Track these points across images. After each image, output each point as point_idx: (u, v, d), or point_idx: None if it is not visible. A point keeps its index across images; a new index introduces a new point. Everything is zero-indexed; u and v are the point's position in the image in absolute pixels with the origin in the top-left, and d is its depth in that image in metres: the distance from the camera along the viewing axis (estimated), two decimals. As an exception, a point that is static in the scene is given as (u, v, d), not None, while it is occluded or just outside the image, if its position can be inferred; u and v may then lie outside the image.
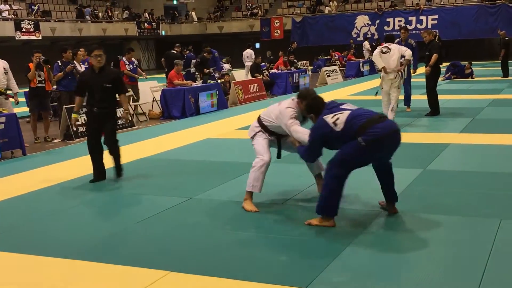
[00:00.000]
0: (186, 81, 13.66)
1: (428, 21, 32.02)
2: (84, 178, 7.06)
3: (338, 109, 4.85)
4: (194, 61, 16.27)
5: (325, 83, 21.17)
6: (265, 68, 18.96)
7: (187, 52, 18.72)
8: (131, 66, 13.44)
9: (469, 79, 19.44)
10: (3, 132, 8.69)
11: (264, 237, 4.72)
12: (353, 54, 26.97)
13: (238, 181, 6.61)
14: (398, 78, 10.20)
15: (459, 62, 20.56)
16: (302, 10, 38.13)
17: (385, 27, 32.61)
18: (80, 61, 11.53)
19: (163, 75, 18.39)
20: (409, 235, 4.63)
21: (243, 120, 11.90)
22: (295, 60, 21.16)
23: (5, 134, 8.73)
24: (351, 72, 24.14)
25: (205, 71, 15.53)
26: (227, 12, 41.90)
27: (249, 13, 39.85)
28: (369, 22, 33.91)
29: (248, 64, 20.12)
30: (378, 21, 33.46)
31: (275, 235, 4.73)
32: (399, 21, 32.73)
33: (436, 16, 31.99)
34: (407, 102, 12.07)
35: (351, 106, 4.92)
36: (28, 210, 5.89)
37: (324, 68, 22.61)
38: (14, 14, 29.01)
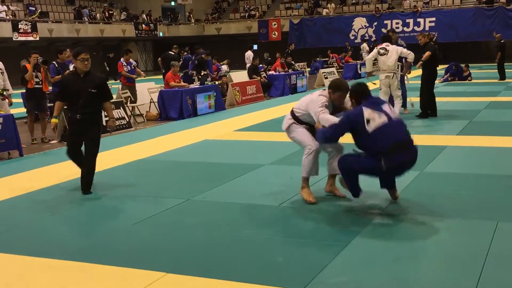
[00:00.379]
0: (183, 83, 13.65)
1: (426, 24, 32.13)
2: (81, 179, 7.03)
3: (378, 108, 4.95)
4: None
5: (323, 85, 21.17)
6: (263, 70, 18.97)
7: (185, 54, 18.72)
8: (129, 67, 13.43)
9: (467, 81, 19.49)
10: (0, 133, 8.68)
11: (261, 239, 4.71)
12: (351, 56, 27.01)
13: (236, 183, 6.61)
14: (395, 79, 10.29)
15: (459, 64, 20.63)
16: (300, 12, 38.19)
17: (383, 29, 32.51)
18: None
19: (161, 77, 18.39)
20: (406, 237, 4.63)
21: (241, 122, 11.91)
22: (293, 62, 21.19)
23: (2, 135, 8.71)
24: (349, 74, 24.15)
25: (202, 73, 15.50)
26: (225, 14, 41.93)
27: (247, 15, 39.88)
28: (367, 24, 33.99)
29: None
30: (376, 23, 33.54)
31: (272, 237, 4.73)
32: (397, 24, 32.86)
33: (434, 19, 32.10)
34: (403, 104, 12.08)
35: (389, 110, 5.02)
36: (25, 211, 5.87)
37: (322, 70, 22.64)
38: (12, 15, 28.97)
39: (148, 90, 13.94)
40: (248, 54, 21.51)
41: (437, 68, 11.42)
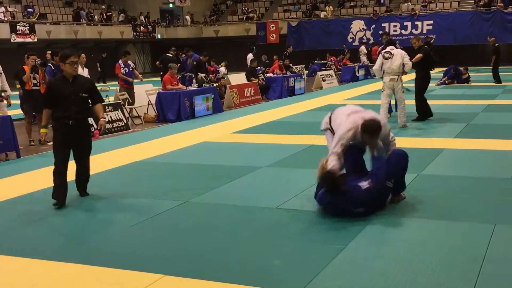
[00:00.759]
0: (180, 86, 13.64)
1: (424, 27, 32.20)
2: (79, 181, 7.02)
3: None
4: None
5: (321, 88, 21.22)
6: (261, 72, 18.98)
7: (183, 56, 18.71)
8: (127, 70, 13.42)
9: (465, 85, 19.52)
10: (-2, 134, 8.67)
11: (258, 241, 4.71)
12: (348, 59, 27.05)
13: (233, 185, 6.61)
14: (400, 82, 10.35)
15: (458, 67, 20.66)
16: (298, 15, 38.26)
17: (381, 32, 32.69)
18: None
19: (158, 79, 18.38)
20: (404, 240, 4.64)
21: (239, 124, 11.91)
22: (291, 65, 21.21)
23: (0, 137, 8.69)
24: (347, 77, 24.20)
25: (199, 76, 15.47)
26: (223, 16, 41.96)
27: (245, 17, 39.92)
28: (365, 27, 34.06)
29: None
30: (374, 26, 33.59)
31: (269, 239, 4.73)
32: (395, 26, 32.94)
33: (431, 22, 32.17)
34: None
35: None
36: (23, 213, 5.86)
37: (320, 73, 22.66)
38: (11, 16, 28.95)
39: (146, 92, 13.94)
40: (250, 57, 21.53)
41: (432, 72, 11.47)
